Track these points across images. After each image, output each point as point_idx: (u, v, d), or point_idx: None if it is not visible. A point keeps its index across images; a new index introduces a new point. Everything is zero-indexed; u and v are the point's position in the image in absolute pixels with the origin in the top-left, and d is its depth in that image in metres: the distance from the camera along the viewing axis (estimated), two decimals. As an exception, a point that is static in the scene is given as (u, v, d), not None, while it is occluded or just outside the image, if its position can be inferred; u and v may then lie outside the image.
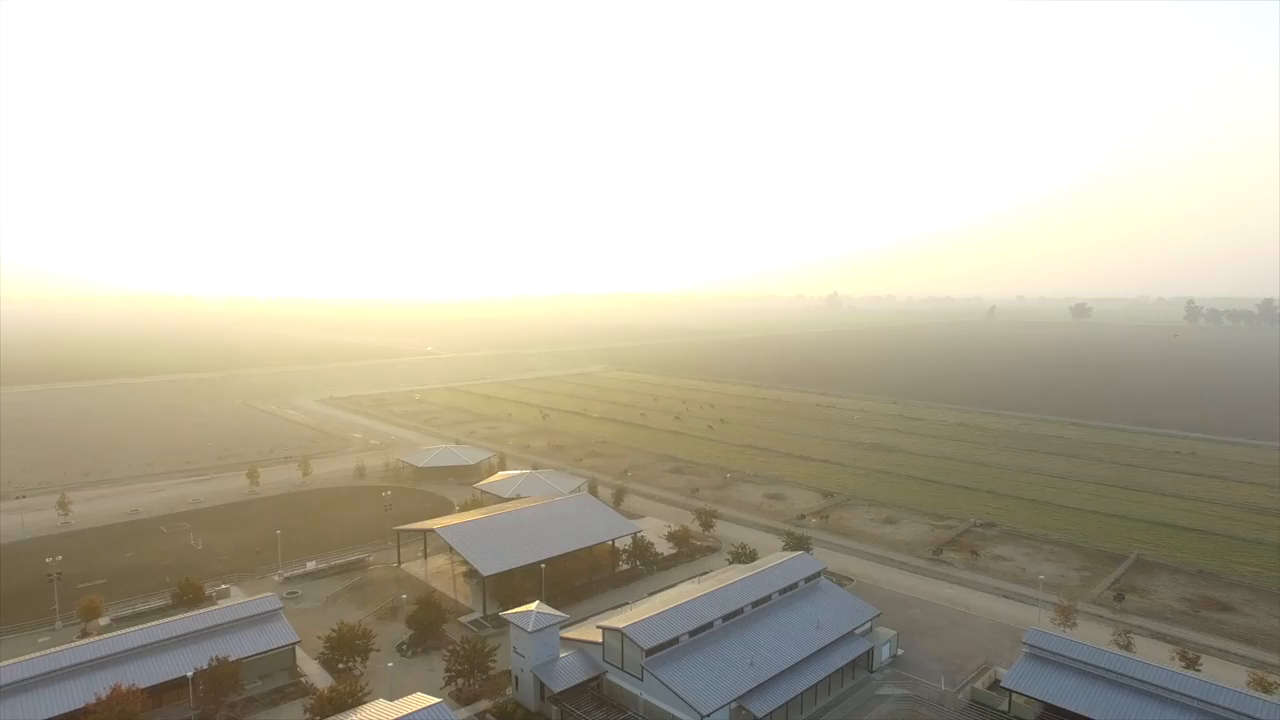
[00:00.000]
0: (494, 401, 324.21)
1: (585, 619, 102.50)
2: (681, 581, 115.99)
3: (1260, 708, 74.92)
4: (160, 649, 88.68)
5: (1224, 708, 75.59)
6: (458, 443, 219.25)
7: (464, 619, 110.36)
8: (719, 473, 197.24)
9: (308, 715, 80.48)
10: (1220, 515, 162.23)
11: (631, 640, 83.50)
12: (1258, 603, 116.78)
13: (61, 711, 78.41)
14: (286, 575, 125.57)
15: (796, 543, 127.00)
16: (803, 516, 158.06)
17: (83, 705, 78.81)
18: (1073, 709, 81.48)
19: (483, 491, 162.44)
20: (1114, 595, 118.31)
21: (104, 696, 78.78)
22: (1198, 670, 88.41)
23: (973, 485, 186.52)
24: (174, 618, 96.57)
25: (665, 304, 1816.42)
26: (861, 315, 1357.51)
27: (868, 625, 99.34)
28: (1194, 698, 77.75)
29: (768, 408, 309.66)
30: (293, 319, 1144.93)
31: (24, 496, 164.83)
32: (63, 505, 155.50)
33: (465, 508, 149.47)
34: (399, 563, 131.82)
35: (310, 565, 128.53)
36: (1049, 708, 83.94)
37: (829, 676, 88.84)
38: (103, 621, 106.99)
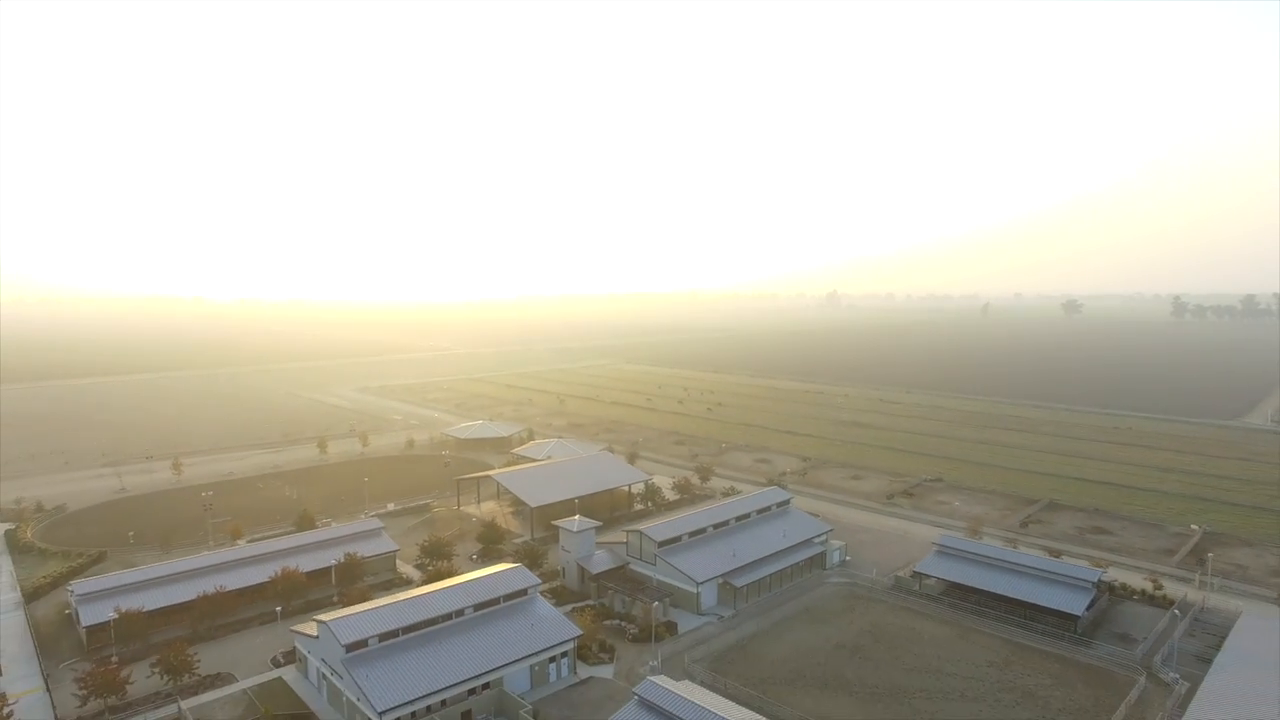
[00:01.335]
0: (513, 390, 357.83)
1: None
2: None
3: (1081, 570, 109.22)
4: (311, 549, 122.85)
5: (1058, 573, 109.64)
6: (490, 420, 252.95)
7: (515, 541, 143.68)
8: (716, 444, 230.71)
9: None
10: (1130, 473, 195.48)
11: (648, 537, 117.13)
12: (1130, 529, 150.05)
13: (254, 583, 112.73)
14: (372, 514, 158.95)
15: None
16: (783, 474, 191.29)
17: (266, 579, 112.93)
18: (963, 583, 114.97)
19: (519, 455, 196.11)
20: (1020, 524, 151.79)
21: (278, 575, 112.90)
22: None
23: (931, 452, 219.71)
24: (314, 530, 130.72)
25: (669, 303, 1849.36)
26: (859, 313, 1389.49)
27: (823, 537, 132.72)
28: (1041, 569, 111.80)
29: (762, 394, 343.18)
30: (305, 319, 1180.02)
31: (151, 458, 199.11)
32: (176, 466, 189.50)
33: (505, 467, 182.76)
34: (458, 505, 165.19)
35: (390, 506, 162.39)
36: (950, 585, 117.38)
37: (790, 568, 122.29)
38: (242, 543, 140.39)
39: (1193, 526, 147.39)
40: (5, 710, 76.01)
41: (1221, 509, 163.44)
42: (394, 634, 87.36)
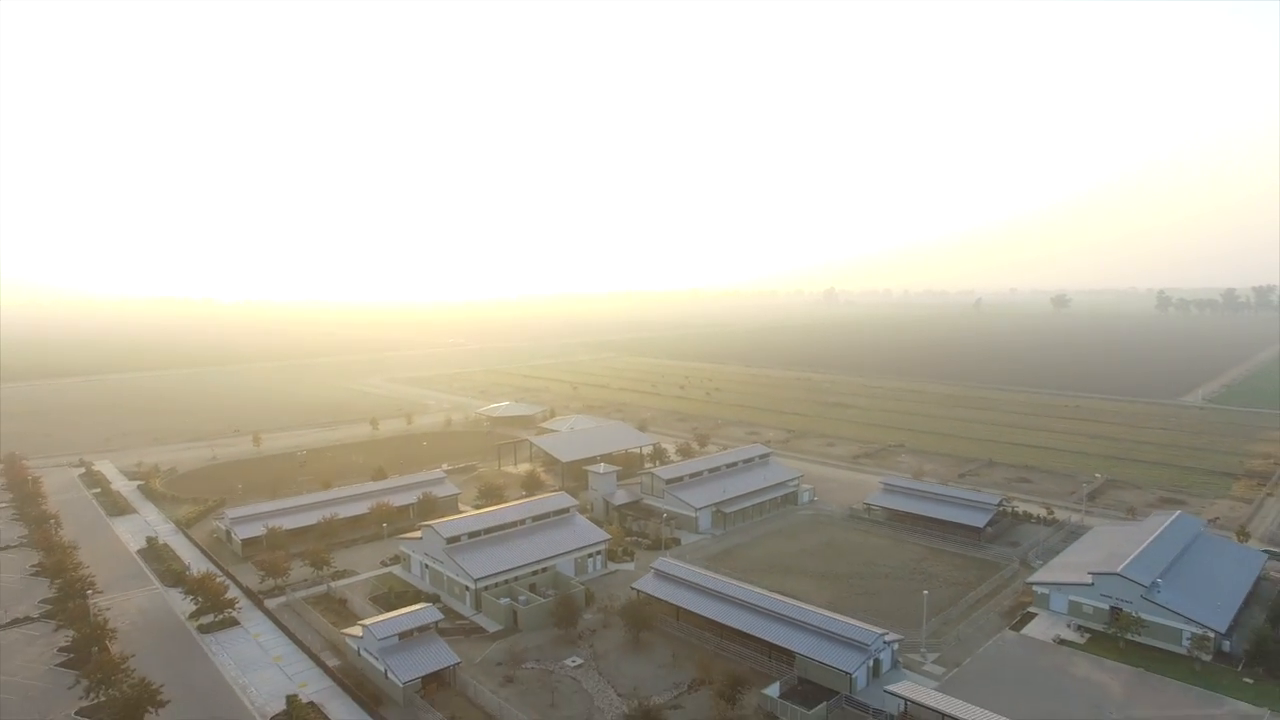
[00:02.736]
0: (529, 379, 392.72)
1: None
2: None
3: (986, 497, 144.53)
4: (394, 491, 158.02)
5: (969, 500, 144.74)
6: (516, 401, 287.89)
7: (550, 489, 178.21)
8: (713, 420, 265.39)
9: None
10: (1064, 440, 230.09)
11: (658, 476, 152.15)
12: (1049, 479, 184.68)
13: (357, 514, 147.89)
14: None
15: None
16: (769, 442, 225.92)
17: (365, 511, 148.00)
18: (901, 509, 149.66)
19: (545, 428, 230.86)
20: (958, 475, 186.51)
21: (374, 508, 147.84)
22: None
23: (899, 426, 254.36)
24: (395, 477, 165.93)
25: (670, 301, 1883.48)
26: (856, 309, 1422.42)
27: (795, 482, 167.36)
28: (957, 497, 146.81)
29: (756, 381, 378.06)
30: (315, 319, 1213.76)
31: (238, 432, 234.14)
32: (256, 440, 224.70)
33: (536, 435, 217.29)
34: (499, 466, 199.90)
35: (444, 467, 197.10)
36: (891, 512, 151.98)
37: (768, 502, 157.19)
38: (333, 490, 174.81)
39: (1096, 475, 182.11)
40: (219, 580, 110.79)
41: (1130, 465, 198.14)
42: (478, 533, 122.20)
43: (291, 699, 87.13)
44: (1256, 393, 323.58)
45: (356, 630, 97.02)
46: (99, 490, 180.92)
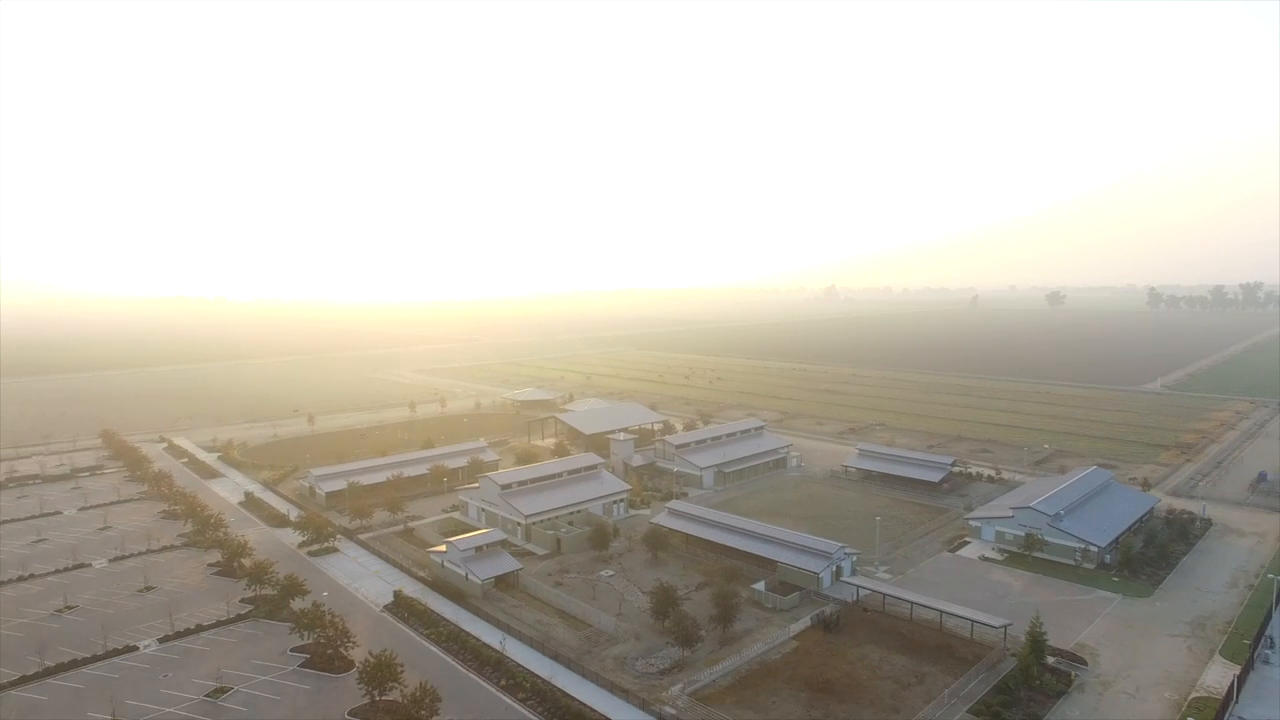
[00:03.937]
0: (544, 370, 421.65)
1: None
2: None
3: (942, 458, 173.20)
4: (446, 456, 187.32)
5: (928, 460, 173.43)
6: (538, 388, 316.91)
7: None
8: (715, 404, 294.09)
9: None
10: (1027, 419, 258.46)
11: (669, 443, 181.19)
12: (1006, 450, 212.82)
13: (418, 474, 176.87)
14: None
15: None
16: (765, 421, 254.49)
17: (425, 472, 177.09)
18: (873, 469, 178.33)
19: (566, 409, 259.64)
20: (928, 447, 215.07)
21: (432, 469, 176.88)
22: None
23: (882, 408, 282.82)
24: (447, 445, 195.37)
25: (674, 298, 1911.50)
26: (855, 306, 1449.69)
27: (786, 449, 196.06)
28: (918, 459, 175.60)
29: (756, 372, 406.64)
30: (329, 317, 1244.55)
31: (296, 412, 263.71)
32: (310, 420, 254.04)
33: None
34: (528, 440, 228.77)
35: (481, 441, 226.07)
36: (865, 473, 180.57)
37: (762, 465, 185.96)
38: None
39: (1046, 446, 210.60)
40: (323, 522, 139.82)
41: (1080, 439, 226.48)
42: (525, 483, 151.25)
43: (398, 592, 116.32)
44: (1213, 380, 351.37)
45: (440, 547, 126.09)
46: (186, 459, 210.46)
